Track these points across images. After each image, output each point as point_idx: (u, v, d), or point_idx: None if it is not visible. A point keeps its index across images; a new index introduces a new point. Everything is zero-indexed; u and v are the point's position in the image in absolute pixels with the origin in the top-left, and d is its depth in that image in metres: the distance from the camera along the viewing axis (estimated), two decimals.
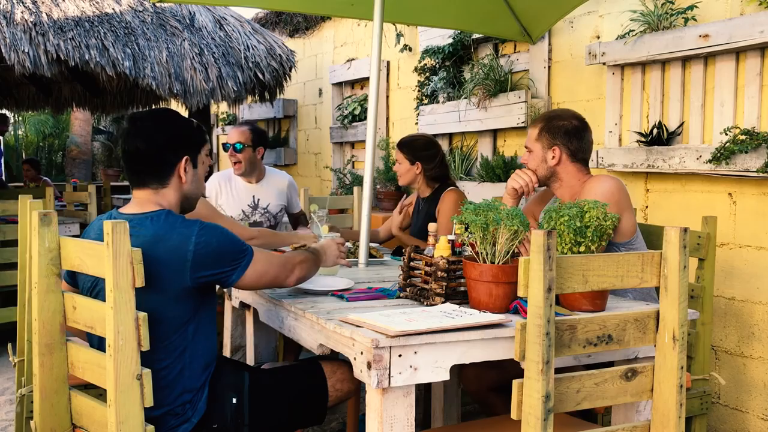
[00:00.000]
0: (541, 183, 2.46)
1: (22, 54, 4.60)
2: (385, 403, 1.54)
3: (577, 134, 2.40)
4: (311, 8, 4.45)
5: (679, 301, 1.52)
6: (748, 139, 2.74)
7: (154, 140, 1.86)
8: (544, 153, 2.40)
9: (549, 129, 2.40)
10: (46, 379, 1.76)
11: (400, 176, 3.35)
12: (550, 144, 2.39)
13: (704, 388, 2.44)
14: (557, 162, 2.39)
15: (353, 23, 5.82)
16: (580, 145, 2.39)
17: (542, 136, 2.41)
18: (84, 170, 11.88)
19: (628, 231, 2.25)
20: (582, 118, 2.43)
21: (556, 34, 3.87)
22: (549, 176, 2.42)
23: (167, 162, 1.87)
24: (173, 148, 1.88)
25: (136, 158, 1.86)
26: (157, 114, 1.96)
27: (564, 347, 1.46)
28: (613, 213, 1.78)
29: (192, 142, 1.92)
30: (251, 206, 3.65)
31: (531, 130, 2.46)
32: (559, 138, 2.38)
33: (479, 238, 1.74)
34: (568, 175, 2.40)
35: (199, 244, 1.74)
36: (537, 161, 2.42)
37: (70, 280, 1.96)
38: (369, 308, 1.81)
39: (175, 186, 1.89)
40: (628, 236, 2.26)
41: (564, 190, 2.42)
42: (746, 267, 2.92)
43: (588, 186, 2.29)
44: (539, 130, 2.42)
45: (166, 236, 1.75)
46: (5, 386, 3.81)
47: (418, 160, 3.28)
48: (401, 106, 5.26)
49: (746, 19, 2.78)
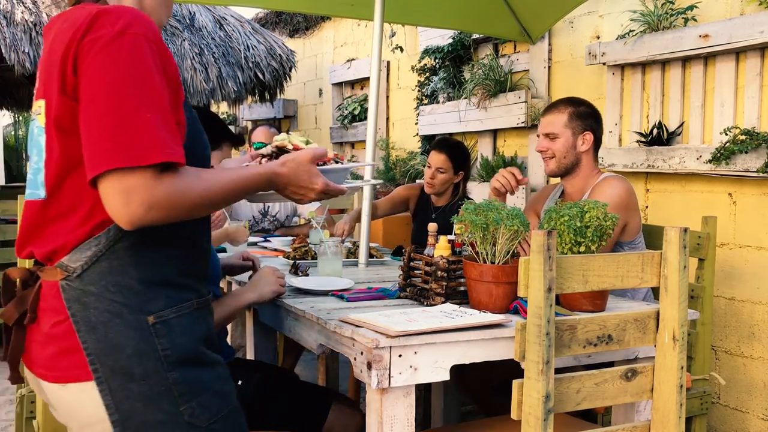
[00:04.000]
0: (559, 173, 2.41)
1: (22, 54, 4.60)
2: (385, 403, 1.54)
3: (601, 122, 2.40)
4: (311, 8, 4.45)
5: (679, 301, 1.52)
6: (748, 139, 2.74)
7: None
8: (575, 139, 2.35)
9: (579, 114, 2.35)
10: None
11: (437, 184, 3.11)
12: (582, 129, 2.34)
13: (704, 388, 2.44)
14: (587, 148, 2.35)
15: (353, 23, 5.82)
16: (601, 133, 2.40)
17: (573, 122, 2.35)
18: None
19: (633, 231, 2.30)
20: None
21: (556, 34, 3.87)
22: (572, 165, 2.37)
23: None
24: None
25: None
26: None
27: (564, 347, 1.46)
28: (614, 213, 1.78)
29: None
30: (261, 213, 3.65)
31: (555, 116, 2.38)
32: (589, 123, 2.34)
33: (479, 238, 1.74)
34: (587, 165, 2.38)
35: None
36: (566, 147, 2.35)
37: None
38: (369, 308, 1.81)
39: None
40: (632, 236, 2.31)
41: (577, 181, 2.39)
42: (746, 267, 2.93)
43: (599, 188, 2.29)
44: (569, 115, 2.35)
45: None
46: (5, 386, 3.82)
47: (463, 169, 3.16)
48: (401, 106, 5.26)
49: (746, 19, 2.78)
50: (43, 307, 1.21)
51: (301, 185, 1.36)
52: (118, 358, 1.15)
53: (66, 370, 1.16)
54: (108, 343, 1.15)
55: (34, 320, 1.21)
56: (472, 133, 4.41)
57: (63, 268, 1.16)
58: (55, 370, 1.18)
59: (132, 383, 1.16)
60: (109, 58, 1.08)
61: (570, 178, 2.41)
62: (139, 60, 1.09)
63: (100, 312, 1.15)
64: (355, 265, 2.67)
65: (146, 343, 1.17)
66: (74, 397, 1.18)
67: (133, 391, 1.16)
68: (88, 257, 1.15)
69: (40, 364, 1.21)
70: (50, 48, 1.17)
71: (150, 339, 1.17)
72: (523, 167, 4.08)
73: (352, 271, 2.51)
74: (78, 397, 1.17)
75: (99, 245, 1.15)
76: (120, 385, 1.15)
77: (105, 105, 1.06)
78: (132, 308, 1.17)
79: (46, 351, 1.19)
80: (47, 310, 1.19)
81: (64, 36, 1.12)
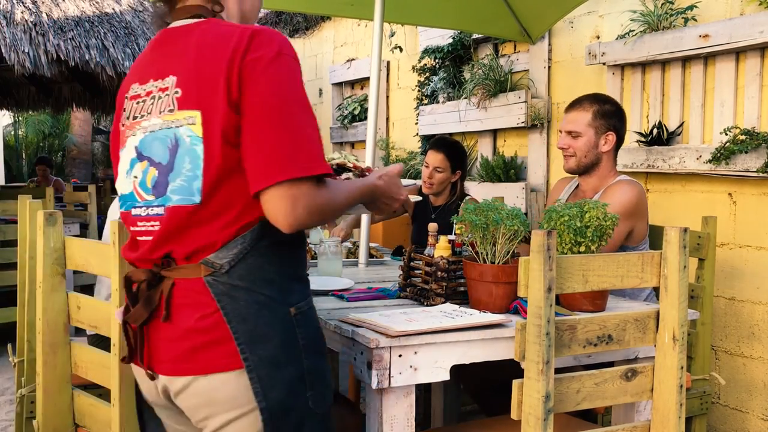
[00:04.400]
0: (578, 171, 2.39)
1: (22, 54, 4.61)
2: (385, 403, 1.54)
3: (625, 120, 2.37)
4: (311, 8, 4.45)
5: (679, 301, 1.52)
6: (748, 139, 2.74)
7: None
8: (597, 138, 2.32)
9: (604, 113, 2.32)
10: (50, 378, 1.77)
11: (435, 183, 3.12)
12: (606, 129, 2.32)
13: (704, 388, 2.44)
14: (609, 148, 2.33)
15: (353, 23, 5.82)
16: (624, 132, 2.37)
17: (597, 121, 2.32)
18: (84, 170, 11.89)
19: (638, 237, 2.29)
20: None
21: (556, 34, 3.87)
22: (592, 164, 2.35)
23: None
24: None
25: None
26: None
27: (564, 347, 1.46)
28: (613, 213, 1.78)
29: None
30: None
31: (579, 114, 2.35)
32: (613, 123, 2.31)
33: (479, 238, 1.75)
34: (606, 165, 2.36)
35: None
36: (588, 147, 2.33)
37: None
38: (369, 308, 1.82)
39: None
40: (637, 242, 2.30)
41: (593, 180, 2.37)
42: (746, 267, 2.93)
43: (611, 190, 2.28)
44: (593, 113, 2.32)
45: None
46: (5, 386, 3.82)
47: (461, 168, 3.17)
48: (401, 106, 5.26)
49: (746, 19, 2.78)
50: (180, 304, 1.25)
51: (392, 196, 1.51)
52: (266, 347, 1.23)
53: (214, 360, 1.22)
54: (257, 333, 1.23)
55: (169, 317, 1.26)
56: (472, 133, 4.41)
57: (209, 265, 1.23)
58: (199, 361, 1.23)
59: (278, 371, 1.24)
60: (273, 78, 1.19)
61: (587, 176, 2.39)
62: (296, 80, 1.22)
63: (249, 304, 1.23)
64: (355, 265, 2.67)
65: (289, 333, 1.26)
66: (221, 386, 1.23)
67: (278, 379, 1.24)
68: (234, 254, 1.23)
69: (172, 360, 1.26)
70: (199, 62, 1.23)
71: (292, 329, 1.27)
72: (522, 167, 4.08)
73: (352, 271, 2.51)
74: (226, 386, 1.23)
75: (244, 243, 1.24)
76: (267, 373, 1.23)
77: (274, 122, 1.18)
78: (277, 301, 1.26)
79: (184, 345, 1.24)
80: (188, 305, 1.25)
81: (219, 53, 1.21)
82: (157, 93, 1.30)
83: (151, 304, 1.27)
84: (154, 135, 1.29)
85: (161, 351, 1.28)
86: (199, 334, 1.23)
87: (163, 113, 1.27)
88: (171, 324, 1.26)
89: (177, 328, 1.25)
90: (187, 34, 1.28)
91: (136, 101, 1.35)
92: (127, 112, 1.38)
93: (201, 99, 1.22)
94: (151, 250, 1.29)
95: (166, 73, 1.28)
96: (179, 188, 1.25)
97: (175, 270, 1.26)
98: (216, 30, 1.26)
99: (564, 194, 2.55)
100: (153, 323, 1.28)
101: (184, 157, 1.24)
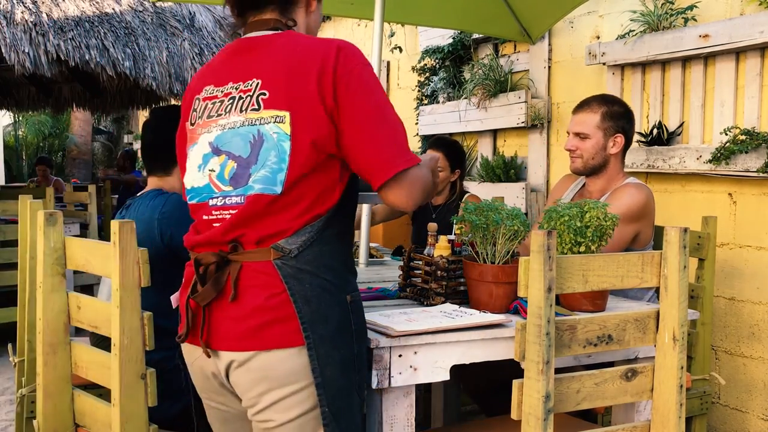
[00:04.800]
0: (584, 173, 2.38)
1: (22, 54, 4.60)
2: (385, 403, 1.54)
3: (633, 121, 2.36)
4: None
5: (679, 301, 1.52)
6: (748, 139, 2.74)
7: (156, 133, 2.12)
8: (606, 141, 2.31)
9: (612, 115, 2.31)
10: (50, 378, 1.77)
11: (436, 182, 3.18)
12: (614, 131, 2.30)
13: (704, 388, 2.44)
14: (617, 151, 2.32)
15: (353, 23, 5.83)
16: (633, 133, 2.36)
17: (606, 123, 2.30)
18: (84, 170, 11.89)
19: (643, 241, 2.28)
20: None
21: (556, 34, 3.87)
22: (600, 166, 2.34)
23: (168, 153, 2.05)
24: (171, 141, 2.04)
25: (145, 148, 2.15)
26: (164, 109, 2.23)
27: (564, 347, 1.46)
28: (614, 214, 1.78)
29: None
30: None
31: (588, 115, 2.34)
32: (621, 125, 2.30)
33: (479, 238, 1.75)
34: (614, 166, 2.35)
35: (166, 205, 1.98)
36: (596, 149, 2.31)
37: None
38: (369, 308, 1.81)
39: (177, 176, 2.10)
40: (642, 245, 2.29)
41: (601, 181, 2.36)
42: (746, 267, 2.93)
43: (618, 192, 2.27)
44: (602, 115, 2.31)
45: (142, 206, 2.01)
46: (5, 386, 3.82)
47: (459, 167, 3.19)
48: (401, 106, 5.26)
49: (746, 19, 2.78)
50: (248, 285, 1.37)
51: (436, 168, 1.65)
52: (326, 327, 1.36)
53: (278, 337, 1.34)
54: (319, 314, 1.36)
55: (236, 297, 1.37)
56: (472, 133, 4.41)
57: (278, 250, 1.36)
58: (263, 338, 1.35)
59: (334, 351, 1.36)
60: (366, 88, 1.38)
61: (595, 177, 2.38)
62: (380, 85, 1.43)
63: (314, 287, 1.36)
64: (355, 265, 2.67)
65: (345, 318, 1.40)
66: (281, 362, 1.35)
67: (334, 358, 1.36)
68: (303, 241, 1.37)
69: (237, 337, 1.36)
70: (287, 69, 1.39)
71: (347, 315, 1.40)
72: (522, 167, 4.09)
73: None
74: (285, 362, 1.35)
75: (312, 232, 1.38)
76: (325, 352, 1.35)
77: (378, 126, 1.37)
78: (337, 287, 1.40)
79: (250, 322, 1.35)
80: (256, 286, 1.36)
81: (308, 63, 1.37)
82: (238, 94, 1.43)
83: (219, 285, 1.38)
84: (234, 131, 1.42)
85: (224, 329, 1.38)
86: (266, 312, 1.35)
87: (246, 111, 1.41)
88: (238, 303, 1.37)
89: (244, 307, 1.36)
90: (268, 43, 1.44)
91: (211, 101, 1.48)
92: (198, 112, 1.51)
93: (291, 102, 1.36)
94: (223, 233, 1.40)
95: (248, 77, 1.42)
96: (262, 178, 1.37)
97: (243, 254, 1.38)
98: (300, 41, 1.42)
99: (569, 192, 2.54)
100: (217, 303, 1.39)
101: (270, 151, 1.37)
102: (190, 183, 1.50)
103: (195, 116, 1.51)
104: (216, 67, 1.53)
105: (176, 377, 1.97)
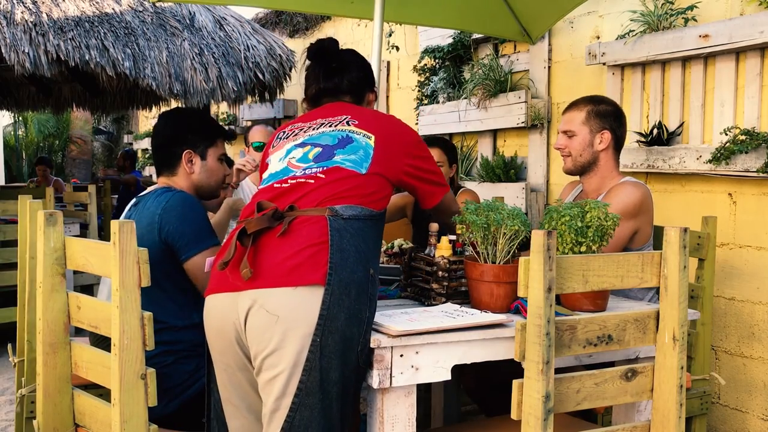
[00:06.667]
0: (575, 171, 2.40)
1: (22, 54, 4.59)
2: (387, 403, 1.54)
3: (623, 121, 2.38)
4: (311, 8, 4.45)
5: (679, 301, 1.52)
6: (748, 139, 2.74)
7: (162, 135, 2.21)
8: (592, 137, 2.33)
9: (598, 112, 2.34)
10: (50, 378, 1.77)
11: None
12: (600, 128, 2.33)
13: (704, 388, 2.44)
14: (604, 147, 2.34)
15: (353, 23, 5.82)
16: (622, 132, 2.38)
17: (591, 120, 2.34)
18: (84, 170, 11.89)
19: (641, 240, 2.28)
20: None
21: (556, 34, 3.87)
22: (589, 163, 2.36)
23: (173, 154, 2.17)
24: (175, 143, 2.18)
25: (154, 150, 2.24)
26: (170, 112, 2.29)
27: (564, 347, 1.46)
28: (614, 213, 1.78)
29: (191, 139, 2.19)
30: None
31: (574, 114, 2.37)
32: (608, 122, 2.33)
33: (480, 238, 1.75)
34: (606, 164, 2.36)
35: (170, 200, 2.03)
36: (582, 146, 2.34)
37: None
38: None
39: (183, 175, 2.18)
40: (640, 244, 2.29)
41: (595, 180, 2.38)
42: (746, 267, 2.93)
43: (614, 191, 2.27)
44: (587, 113, 2.34)
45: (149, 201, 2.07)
46: (5, 386, 3.82)
47: (455, 162, 3.25)
48: (401, 106, 5.26)
49: (746, 19, 2.78)
50: (298, 229, 1.59)
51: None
52: (347, 274, 1.54)
53: (307, 275, 1.52)
54: (345, 262, 1.55)
55: (286, 233, 1.58)
56: (472, 133, 4.41)
57: (334, 212, 1.61)
58: (293, 276, 1.53)
59: (346, 297, 1.52)
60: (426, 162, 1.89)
61: (588, 176, 2.39)
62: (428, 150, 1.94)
63: (349, 244, 1.58)
64: None
65: (365, 283, 1.57)
66: (301, 298, 1.52)
67: (344, 303, 1.52)
68: (354, 213, 1.63)
69: (274, 276, 1.55)
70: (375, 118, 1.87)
71: (367, 283, 1.58)
72: (522, 167, 4.09)
73: None
74: (305, 297, 1.51)
75: (363, 211, 1.66)
76: (339, 294, 1.52)
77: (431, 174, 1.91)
78: (365, 256, 1.61)
79: (288, 263, 1.55)
80: (307, 233, 1.58)
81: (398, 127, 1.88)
82: (328, 121, 1.82)
83: (272, 222, 1.59)
84: (324, 133, 1.78)
85: (264, 268, 1.56)
86: (305, 252, 1.54)
87: (337, 126, 1.79)
88: (282, 243, 1.57)
89: (288, 249, 1.56)
90: (342, 104, 1.93)
91: (299, 128, 1.84)
92: (284, 134, 1.87)
93: (376, 132, 1.78)
94: (293, 190, 1.67)
95: (338, 114, 1.83)
96: (351, 159, 1.71)
97: (301, 211, 1.61)
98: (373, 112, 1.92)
99: (570, 198, 2.55)
100: (264, 244, 1.59)
101: (358, 148, 1.73)
102: (268, 173, 1.78)
103: (281, 137, 1.87)
104: (302, 117, 1.89)
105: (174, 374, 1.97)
